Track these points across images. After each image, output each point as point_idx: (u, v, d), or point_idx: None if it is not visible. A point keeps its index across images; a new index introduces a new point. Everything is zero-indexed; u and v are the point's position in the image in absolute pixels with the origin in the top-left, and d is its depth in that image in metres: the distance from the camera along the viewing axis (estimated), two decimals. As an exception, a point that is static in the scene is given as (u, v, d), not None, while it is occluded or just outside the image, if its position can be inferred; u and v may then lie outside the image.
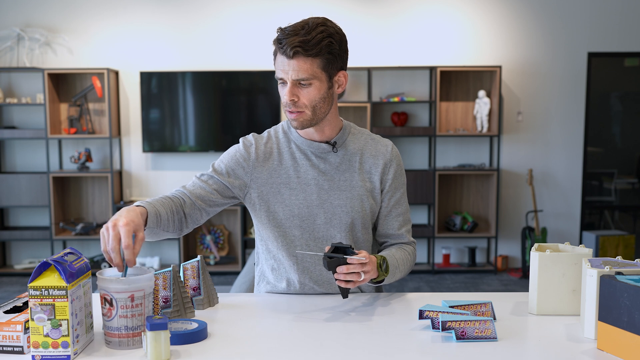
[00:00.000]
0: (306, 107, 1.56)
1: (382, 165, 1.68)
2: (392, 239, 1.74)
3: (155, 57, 5.44)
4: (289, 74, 1.53)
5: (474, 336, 1.29)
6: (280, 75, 1.56)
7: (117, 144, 5.52)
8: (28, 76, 5.44)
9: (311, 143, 1.66)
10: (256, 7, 5.42)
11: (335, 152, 1.67)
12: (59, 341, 1.17)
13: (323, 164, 1.66)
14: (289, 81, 1.54)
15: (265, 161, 1.67)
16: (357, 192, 1.66)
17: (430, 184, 5.35)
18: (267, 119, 5.38)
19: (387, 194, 1.70)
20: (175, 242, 5.54)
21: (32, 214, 5.60)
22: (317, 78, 1.54)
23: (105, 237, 1.31)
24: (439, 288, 4.98)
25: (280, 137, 1.70)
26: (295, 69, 1.52)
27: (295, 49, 1.50)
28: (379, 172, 1.68)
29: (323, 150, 1.67)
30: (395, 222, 1.72)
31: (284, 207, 1.64)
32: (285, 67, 1.54)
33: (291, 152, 1.68)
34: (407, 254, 1.70)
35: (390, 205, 1.71)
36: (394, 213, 1.72)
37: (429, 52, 5.47)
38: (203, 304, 1.53)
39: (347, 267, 1.42)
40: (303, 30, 1.51)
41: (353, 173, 1.67)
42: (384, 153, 1.69)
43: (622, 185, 6.35)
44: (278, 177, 1.66)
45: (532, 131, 5.55)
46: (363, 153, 1.69)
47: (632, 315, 1.16)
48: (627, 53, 5.55)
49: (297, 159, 1.67)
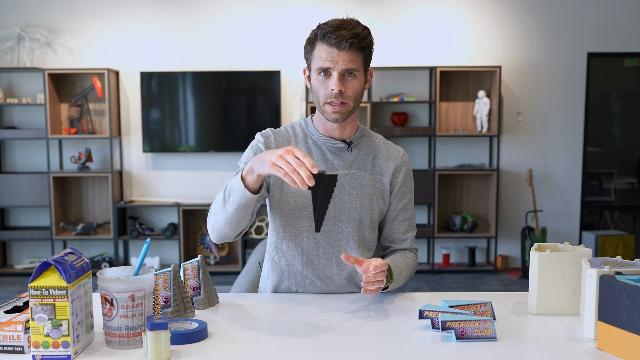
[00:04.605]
0: (350, 98, 1.62)
1: (393, 168, 1.73)
2: (396, 244, 1.77)
3: (156, 57, 5.45)
4: (339, 64, 1.58)
5: (473, 336, 1.29)
6: (326, 65, 1.58)
7: (117, 144, 5.52)
8: (28, 76, 5.44)
9: (328, 140, 1.70)
10: (256, 7, 5.42)
11: (350, 151, 1.71)
12: (59, 341, 1.17)
13: (337, 161, 1.70)
14: (336, 72, 1.58)
15: None
16: (367, 191, 1.70)
17: (430, 184, 5.35)
18: (267, 119, 5.38)
19: (396, 197, 1.74)
20: (175, 242, 5.54)
21: (32, 214, 5.60)
22: (360, 71, 1.62)
23: (284, 163, 1.31)
24: (439, 288, 4.98)
25: (298, 132, 1.74)
26: (346, 59, 1.58)
27: (351, 40, 1.56)
28: (390, 174, 1.73)
29: (339, 147, 1.70)
30: (401, 227, 1.76)
31: (295, 198, 1.67)
32: (334, 58, 1.58)
33: (307, 146, 1.71)
34: (409, 261, 1.73)
35: (397, 208, 1.74)
36: (401, 217, 1.75)
37: (429, 52, 5.47)
38: (203, 304, 1.54)
39: (373, 274, 1.46)
40: (349, 25, 1.59)
41: (365, 172, 1.71)
42: (395, 157, 1.75)
43: (622, 185, 6.35)
44: None
45: (532, 131, 5.55)
46: (376, 155, 1.73)
47: (632, 315, 1.17)
48: (627, 53, 5.55)
49: (313, 153, 1.70)
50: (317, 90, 1.63)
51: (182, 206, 5.32)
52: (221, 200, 1.53)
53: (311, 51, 1.62)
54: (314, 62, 1.61)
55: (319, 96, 1.62)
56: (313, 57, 1.62)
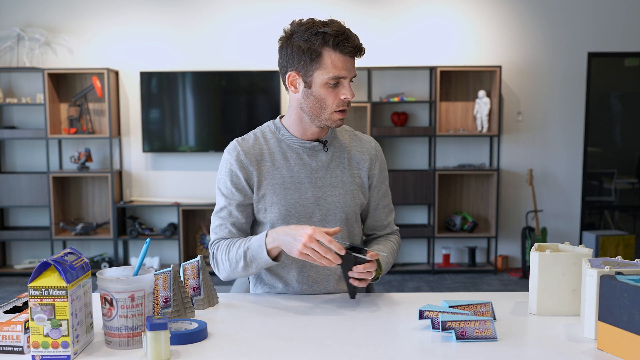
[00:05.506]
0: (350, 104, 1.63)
1: (369, 161, 1.74)
2: (379, 230, 1.81)
3: (155, 57, 5.44)
4: (351, 72, 1.58)
5: (474, 336, 1.29)
6: (342, 74, 1.56)
7: (117, 144, 5.52)
8: (28, 76, 5.44)
9: (303, 142, 1.68)
10: (256, 7, 5.42)
11: (326, 150, 1.70)
12: (59, 341, 1.17)
13: (315, 162, 1.68)
14: (347, 80, 1.58)
15: (259, 164, 1.66)
16: (349, 188, 1.70)
17: (430, 184, 5.35)
18: (267, 119, 5.32)
19: (375, 189, 1.76)
20: (175, 242, 5.54)
21: (32, 214, 5.60)
22: None
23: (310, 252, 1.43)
24: (439, 288, 4.98)
25: (269, 138, 1.70)
26: (353, 67, 1.59)
27: (362, 47, 1.57)
28: (367, 168, 1.73)
29: (315, 148, 1.69)
30: (382, 214, 1.79)
31: (280, 207, 1.65)
32: (348, 66, 1.57)
33: (282, 151, 1.68)
34: (393, 245, 1.77)
35: (378, 198, 1.77)
36: (381, 205, 1.79)
37: (429, 52, 5.47)
38: (203, 304, 1.54)
39: (363, 266, 1.48)
40: (350, 31, 1.57)
41: (344, 169, 1.71)
42: (369, 150, 1.75)
43: (622, 185, 6.34)
44: (272, 178, 1.66)
45: (532, 131, 5.55)
46: (350, 150, 1.73)
47: (632, 315, 1.16)
48: (627, 53, 5.55)
49: (289, 158, 1.68)
50: (324, 99, 1.58)
51: (182, 206, 5.32)
52: (242, 264, 1.59)
53: (317, 59, 1.54)
54: (321, 71, 1.55)
55: (327, 105, 1.58)
56: (321, 66, 1.55)
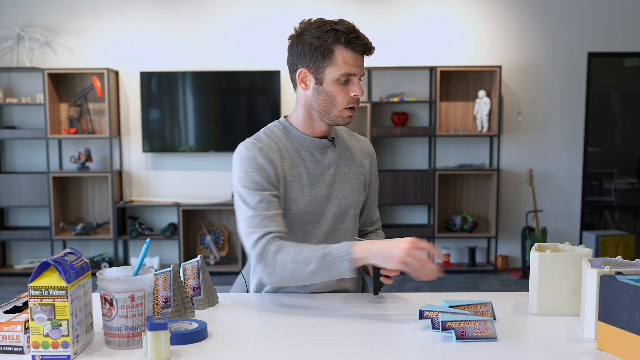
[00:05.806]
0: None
1: (369, 160, 1.80)
2: (370, 226, 1.87)
3: (155, 57, 5.44)
4: (360, 69, 1.60)
5: (474, 336, 1.29)
6: (353, 72, 1.58)
7: (117, 144, 5.52)
8: (28, 76, 5.44)
9: (314, 140, 1.69)
10: (256, 7, 5.42)
11: (335, 147, 1.72)
12: (59, 341, 1.17)
13: (326, 159, 1.70)
14: (357, 77, 1.60)
15: (281, 160, 1.65)
16: (356, 185, 1.74)
17: (430, 184, 5.35)
18: (267, 119, 5.37)
19: (372, 187, 1.82)
20: (175, 242, 5.54)
21: (32, 214, 5.60)
22: None
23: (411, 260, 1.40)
24: (439, 288, 4.98)
25: (279, 136, 1.69)
26: (363, 65, 1.61)
27: (372, 46, 1.59)
28: (368, 167, 1.79)
29: (324, 145, 1.70)
30: (374, 211, 1.86)
31: (297, 204, 1.64)
32: (358, 63, 1.59)
33: (296, 149, 1.68)
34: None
35: (372, 195, 1.83)
36: (373, 202, 1.85)
37: (429, 52, 5.47)
38: (203, 304, 1.53)
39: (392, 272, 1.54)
40: (358, 29, 1.59)
41: (350, 166, 1.74)
42: (367, 149, 1.81)
43: (622, 185, 6.34)
44: (291, 175, 1.65)
45: (532, 131, 5.55)
46: (352, 148, 1.77)
47: (632, 315, 1.16)
48: (627, 53, 5.55)
49: (302, 155, 1.68)
50: (335, 96, 1.59)
51: (182, 206, 5.32)
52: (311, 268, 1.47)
53: (329, 55, 1.55)
54: (333, 67, 1.56)
55: (337, 102, 1.59)
56: (332, 62, 1.56)
